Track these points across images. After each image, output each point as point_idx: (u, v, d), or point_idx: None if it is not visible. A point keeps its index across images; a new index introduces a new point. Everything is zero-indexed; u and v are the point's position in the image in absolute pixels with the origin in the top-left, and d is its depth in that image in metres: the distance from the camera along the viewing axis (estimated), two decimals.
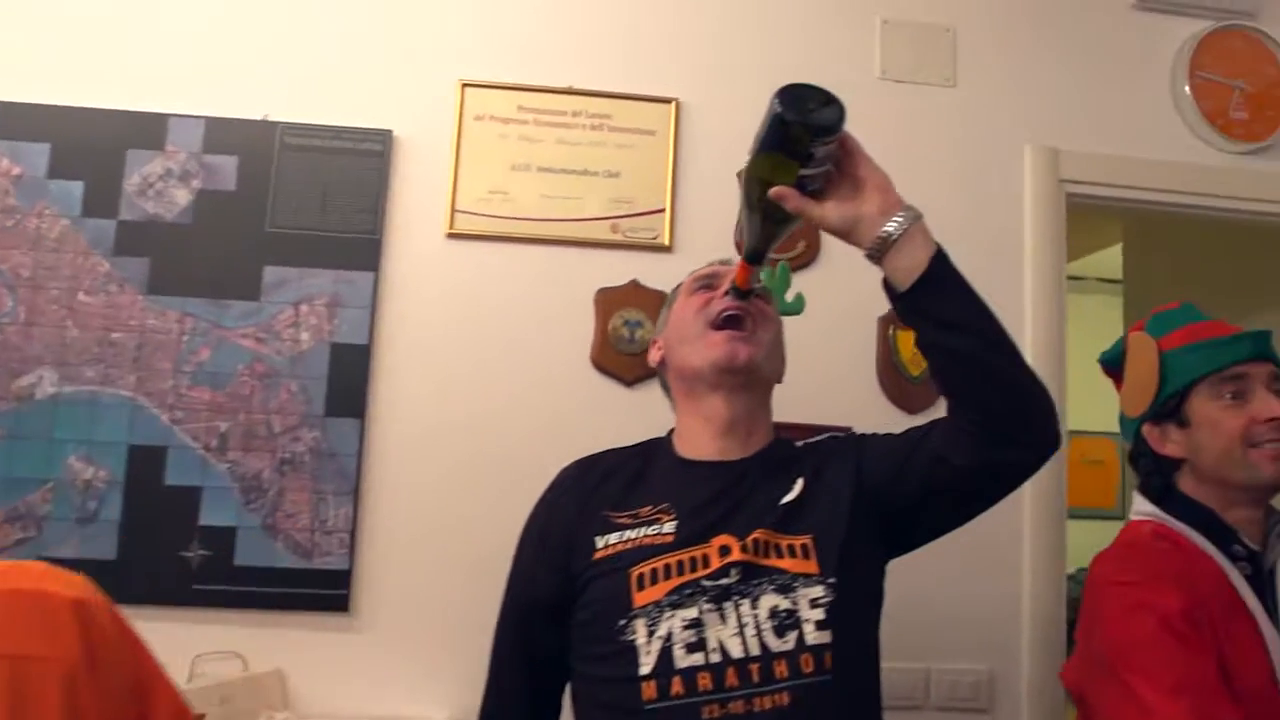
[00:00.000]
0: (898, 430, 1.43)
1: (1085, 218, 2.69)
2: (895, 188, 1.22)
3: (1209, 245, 2.94)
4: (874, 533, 1.37)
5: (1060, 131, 2.32)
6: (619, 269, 2.13)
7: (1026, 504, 2.19)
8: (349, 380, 2.03)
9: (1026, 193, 2.28)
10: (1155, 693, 1.36)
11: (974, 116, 2.31)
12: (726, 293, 1.40)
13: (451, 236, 2.11)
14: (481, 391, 2.08)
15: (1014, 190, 2.29)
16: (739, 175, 1.25)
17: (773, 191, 1.18)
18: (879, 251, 1.20)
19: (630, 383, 2.09)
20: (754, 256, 1.32)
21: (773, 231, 1.27)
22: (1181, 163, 2.36)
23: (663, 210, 2.15)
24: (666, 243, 2.14)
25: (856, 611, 1.33)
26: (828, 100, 1.17)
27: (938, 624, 2.13)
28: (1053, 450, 1.27)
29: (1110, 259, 3.79)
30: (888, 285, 1.24)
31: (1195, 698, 1.35)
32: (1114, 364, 1.76)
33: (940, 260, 1.20)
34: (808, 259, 2.18)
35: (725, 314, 1.40)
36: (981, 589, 2.16)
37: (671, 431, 1.51)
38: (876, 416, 2.08)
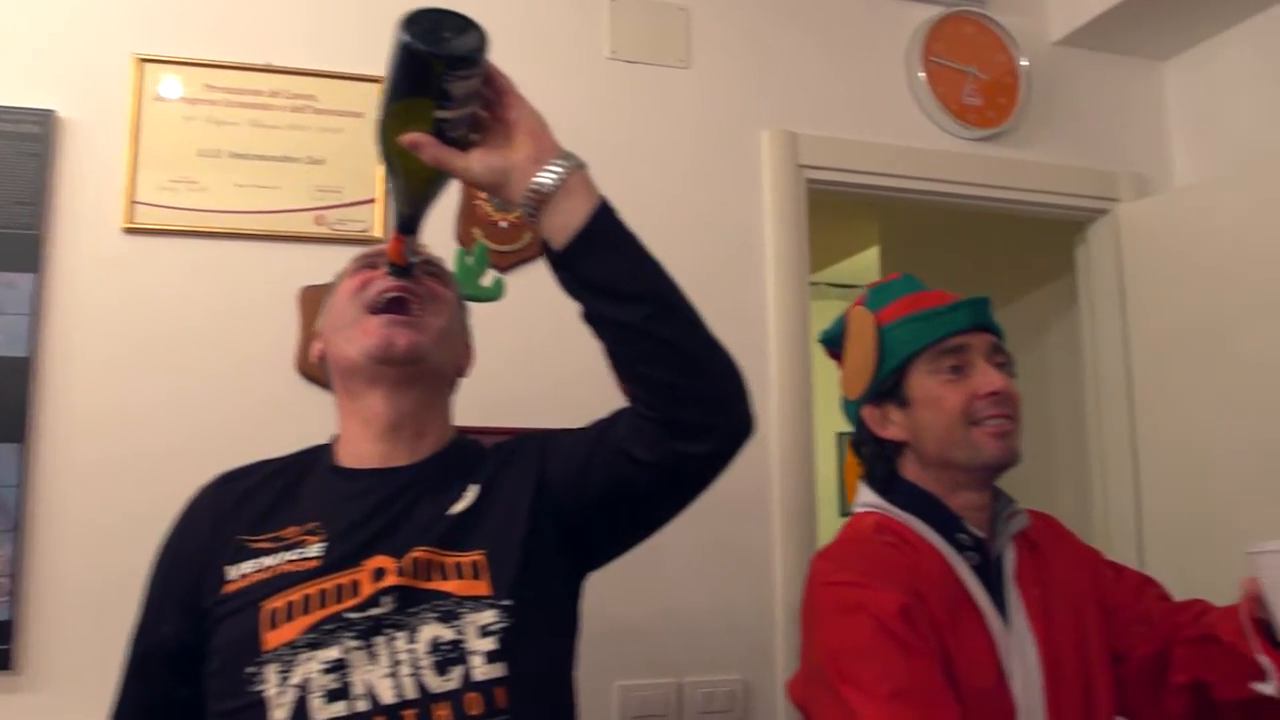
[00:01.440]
0: None
1: (841, 219, 2.65)
2: (551, 132, 1.06)
3: (964, 242, 2.97)
4: (559, 544, 1.20)
5: (798, 116, 2.27)
6: (325, 265, 1.85)
7: (776, 505, 2.11)
8: (7, 399, 1.76)
9: (765, 178, 2.21)
10: (870, 704, 1.23)
11: (710, 99, 2.22)
12: (389, 273, 1.22)
13: (129, 231, 1.86)
14: (169, 408, 1.83)
15: (753, 176, 2.22)
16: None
17: (404, 138, 1.01)
18: (533, 207, 1.04)
19: None
20: (405, 224, 1.15)
21: (420, 191, 1.10)
22: (919, 148, 2.35)
23: (374, 200, 1.96)
24: (379, 235, 1.94)
25: (539, 639, 1.15)
26: (466, 26, 1.00)
27: (688, 635, 2.04)
28: (745, 436, 1.11)
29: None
30: (546, 248, 1.08)
31: (914, 707, 1.23)
32: (834, 343, 1.63)
33: (603, 215, 1.05)
34: (539, 250, 2.01)
35: (385, 295, 1.22)
36: (733, 596, 2.07)
37: (337, 438, 1.31)
38: None
